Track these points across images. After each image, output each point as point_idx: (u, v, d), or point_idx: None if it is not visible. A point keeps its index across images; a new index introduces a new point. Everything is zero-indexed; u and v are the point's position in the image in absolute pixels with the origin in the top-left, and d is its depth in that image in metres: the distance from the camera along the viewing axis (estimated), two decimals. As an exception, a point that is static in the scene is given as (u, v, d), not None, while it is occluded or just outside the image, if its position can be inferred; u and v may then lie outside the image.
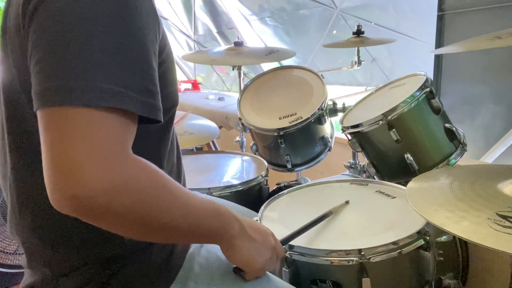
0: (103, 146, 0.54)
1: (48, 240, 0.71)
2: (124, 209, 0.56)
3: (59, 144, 0.53)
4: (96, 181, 0.53)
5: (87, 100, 0.53)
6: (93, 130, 0.53)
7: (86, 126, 0.53)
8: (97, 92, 0.53)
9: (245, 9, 3.80)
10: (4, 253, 1.94)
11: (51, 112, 0.54)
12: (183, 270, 0.79)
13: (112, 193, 0.54)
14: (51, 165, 0.53)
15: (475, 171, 1.03)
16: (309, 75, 1.63)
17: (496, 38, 1.02)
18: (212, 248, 0.86)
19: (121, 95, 0.55)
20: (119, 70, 0.55)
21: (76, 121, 0.53)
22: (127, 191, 0.55)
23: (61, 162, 0.53)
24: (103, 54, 0.54)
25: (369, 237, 0.98)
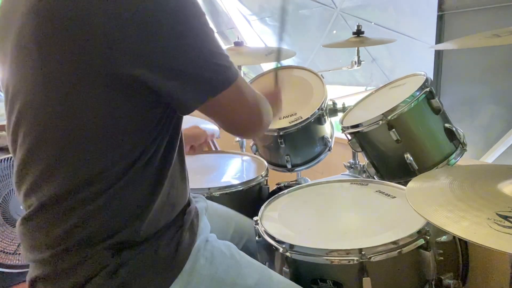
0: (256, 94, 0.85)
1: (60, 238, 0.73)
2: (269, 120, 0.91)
3: (247, 103, 0.81)
4: (266, 115, 0.87)
5: (236, 73, 0.78)
6: (250, 89, 0.83)
7: (246, 85, 0.81)
8: (233, 68, 0.79)
9: (245, 9, 3.80)
10: (4, 253, 1.94)
11: (231, 88, 0.76)
12: (189, 263, 0.81)
13: (270, 117, 0.91)
14: (250, 115, 0.83)
15: (475, 171, 1.03)
16: (309, 75, 1.63)
17: (495, 36, 1.02)
18: (216, 243, 0.89)
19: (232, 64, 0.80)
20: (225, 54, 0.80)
21: (244, 87, 0.80)
22: (270, 111, 0.91)
23: (255, 112, 0.84)
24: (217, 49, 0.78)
25: (369, 237, 0.98)
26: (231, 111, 0.79)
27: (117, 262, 0.74)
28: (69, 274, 0.74)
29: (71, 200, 0.72)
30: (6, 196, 1.92)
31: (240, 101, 0.79)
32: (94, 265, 0.73)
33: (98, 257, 0.74)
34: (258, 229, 1.05)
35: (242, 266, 0.87)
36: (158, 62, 0.68)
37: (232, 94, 0.76)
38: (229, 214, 1.18)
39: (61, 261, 0.74)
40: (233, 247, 0.91)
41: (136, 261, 0.75)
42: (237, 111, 0.80)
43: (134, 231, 0.76)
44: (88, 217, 0.73)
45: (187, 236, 0.83)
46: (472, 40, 1.16)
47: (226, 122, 0.82)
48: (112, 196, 0.73)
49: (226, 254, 0.87)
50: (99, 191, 0.72)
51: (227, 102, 0.77)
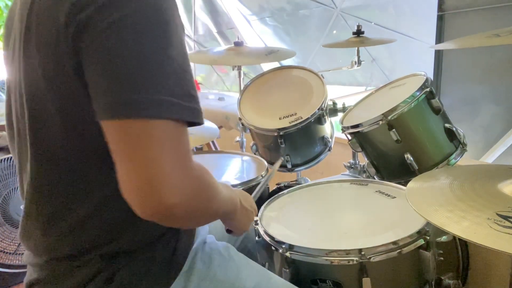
0: (183, 156, 0.60)
1: (58, 242, 0.72)
2: (197, 209, 0.64)
3: (144, 155, 0.57)
4: (184, 189, 0.59)
5: (164, 113, 0.58)
6: (175, 142, 0.59)
7: (169, 138, 0.58)
8: (169, 105, 0.58)
9: (245, 9, 3.80)
10: (4, 253, 1.94)
11: (130, 123, 0.57)
12: (186, 266, 0.81)
13: (193, 198, 0.61)
14: (137, 176, 0.57)
15: (475, 171, 1.03)
16: (309, 75, 1.63)
17: (495, 36, 1.02)
18: (214, 245, 0.88)
19: (180, 106, 0.59)
20: (175, 82, 0.60)
21: (160, 133, 0.57)
22: (199, 194, 0.63)
23: (149, 173, 0.57)
24: (163, 67, 0.59)
25: (369, 237, 0.98)
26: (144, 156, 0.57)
27: (113, 268, 0.73)
28: (65, 279, 0.73)
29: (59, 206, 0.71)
30: (6, 196, 1.92)
31: (168, 149, 0.58)
32: (90, 271, 0.73)
33: (94, 263, 0.73)
34: (258, 229, 1.05)
35: (240, 268, 0.86)
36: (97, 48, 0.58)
37: (160, 133, 0.57)
38: None
39: (56, 266, 0.74)
40: (231, 248, 0.91)
41: (132, 266, 0.74)
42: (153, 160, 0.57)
43: (131, 237, 0.74)
44: (80, 224, 0.71)
45: (184, 239, 0.82)
46: (472, 40, 1.15)
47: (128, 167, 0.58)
48: (103, 203, 0.70)
49: (225, 256, 0.87)
50: (96, 202, 0.70)
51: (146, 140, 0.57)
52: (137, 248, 0.75)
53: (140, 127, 0.57)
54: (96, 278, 0.72)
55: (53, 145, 0.68)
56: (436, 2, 2.11)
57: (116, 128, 0.58)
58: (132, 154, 0.57)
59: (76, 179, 0.69)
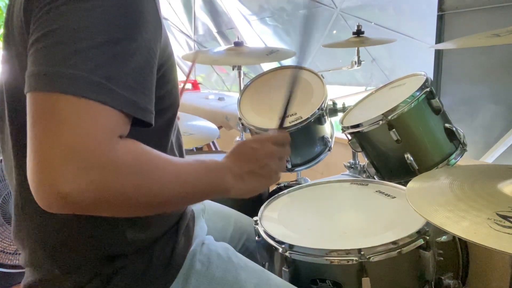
0: (88, 138, 0.52)
1: (51, 238, 0.72)
2: (118, 196, 0.55)
3: (44, 136, 0.51)
4: (82, 175, 0.51)
5: (78, 90, 0.52)
6: (78, 122, 0.52)
7: (74, 116, 0.52)
8: (88, 83, 0.53)
9: (245, 9, 3.80)
10: (4, 253, 1.94)
11: (37, 97, 0.53)
12: (185, 268, 0.80)
13: (99, 186, 0.52)
14: (34, 159, 0.51)
15: (475, 171, 1.03)
16: (309, 75, 1.62)
17: (495, 36, 1.02)
18: (213, 246, 0.87)
19: (109, 91, 0.54)
20: (111, 66, 0.55)
21: (64, 109, 0.51)
22: (117, 179, 0.54)
23: (44, 156, 0.50)
24: (98, 47, 0.54)
25: (369, 237, 0.98)
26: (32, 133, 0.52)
27: (110, 269, 0.73)
28: (62, 281, 0.73)
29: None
30: (6, 196, 1.92)
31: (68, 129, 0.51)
32: (87, 273, 0.72)
33: (90, 265, 0.72)
34: (258, 229, 1.05)
35: (239, 270, 0.85)
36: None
37: (73, 113, 0.52)
38: (228, 213, 1.18)
39: (53, 268, 0.73)
40: (230, 249, 0.90)
41: (129, 268, 0.74)
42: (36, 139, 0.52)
43: (128, 239, 0.74)
44: (76, 225, 0.70)
45: (182, 241, 0.82)
46: (472, 40, 1.15)
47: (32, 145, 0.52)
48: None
49: (223, 257, 0.86)
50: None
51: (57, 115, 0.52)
52: (135, 249, 0.75)
53: (45, 100, 0.52)
54: (94, 280, 0.72)
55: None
56: (436, 2, 2.12)
57: (28, 102, 0.54)
58: (31, 132, 0.52)
59: None
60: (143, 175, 0.58)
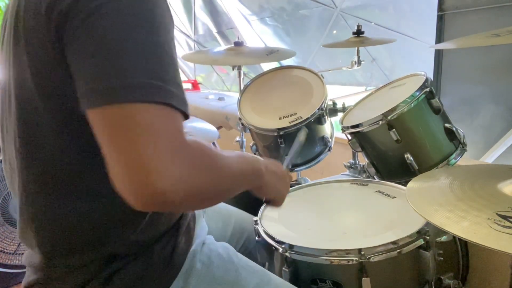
0: (172, 139, 0.56)
1: (54, 239, 0.72)
2: (198, 192, 0.60)
3: (133, 145, 0.54)
4: (176, 173, 0.56)
5: (147, 97, 0.55)
6: (160, 126, 0.56)
7: (153, 123, 0.55)
8: (153, 88, 0.56)
9: (245, 9, 3.80)
10: (4, 253, 1.94)
11: (114, 110, 0.55)
12: (185, 267, 0.80)
13: (189, 181, 0.58)
14: (125, 166, 0.54)
15: (475, 171, 1.03)
16: (309, 75, 1.63)
17: (495, 36, 1.02)
18: (213, 246, 0.87)
19: (164, 89, 0.57)
20: (161, 68, 0.58)
21: (143, 118, 0.55)
22: (198, 176, 0.59)
23: (139, 162, 0.54)
24: (146, 53, 0.57)
25: (369, 237, 0.98)
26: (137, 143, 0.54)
27: (110, 269, 0.73)
28: (63, 281, 0.73)
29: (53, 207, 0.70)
30: (6, 196, 1.92)
31: (154, 134, 0.55)
32: (87, 272, 0.72)
33: (91, 264, 0.72)
34: (258, 229, 1.05)
35: (240, 270, 0.86)
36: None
37: (152, 119, 0.55)
38: (229, 211, 1.18)
39: (53, 267, 0.73)
40: (231, 249, 0.90)
41: (129, 268, 0.74)
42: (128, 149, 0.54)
43: (129, 239, 0.74)
44: (77, 225, 0.70)
45: (183, 240, 0.82)
46: (472, 40, 1.15)
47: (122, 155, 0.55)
48: (98, 202, 0.70)
49: (224, 257, 0.86)
50: (80, 198, 0.69)
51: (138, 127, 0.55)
52: (136, 249, 0.75)
53: (122, 113, 0.55)
54: (94, 280, 0.72)
55: (43, 144, 0.67)
56: (436, 2, 2.11)
57: (98, 117, 0.56)
58: (117, 142, 0.55)
59: (68, 177, 0.68)
60: (217, 166, 0.65)
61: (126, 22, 0.57)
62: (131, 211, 0.70)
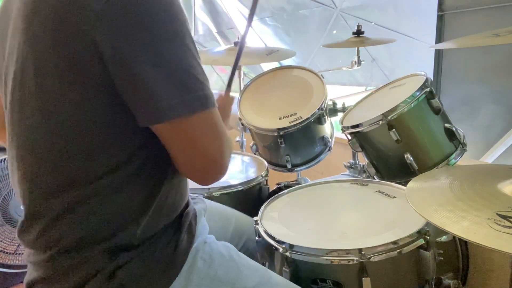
0: (224, 132, 0.74)
1: (59, 237, 0.73)
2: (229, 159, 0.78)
3: (203, 142, 0.71)
4: (229, 155, 0.77)
5: (204, 105, 0.69)
6: (216, 124, 0.73)
7: (213, 123, 0.72)
8: (209, 95, 0.70)
9: (245, 9, 3.80)
10: (4, 253, 1.94)
11: (183, 121, 0.68)
12: (187, 265, 0.81)
13: (229, 156, 0.78)
14: (201, 161, 0.72)
15: (475, 171, 1.03)
16: (309, 75, 1.63)
17: (495, 36, 1.02)
18: (215, 244, 0.88)
19: (211, 95, 0.71)
20: (203, 77, 0.70)
21: (215, 118, 0.72)
22: (229, 152, 0.78)
23: (211, 155, 0.72)
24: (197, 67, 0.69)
25: (369, 237, 0.98)
26: (200, 143, 0.71)
27: (114, 265, 0.73)
28: (65, 277, 0.73)
29: (58, 203, 0.71)
30: (6, 196, 1.92)
31: (213, 134, 0.73)
32: (91, 268, 0.73)
33: (95, 260, 0.73)
34: (258, 229, 1.05)
35: (241, 268, 0.86)
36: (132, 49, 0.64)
37: (207, 122, 0.71)
38: (229, 213, 1.18)
39: (57, 263, 0.74)
40: (232, 248, 0.91)
41: (133, 263, 0.75)
42: (206, 146, 0.72)
43: (131, 234, 0.75)
44: (80, 221, 0.71)
45: (184, 238, 0.82)
46: (472, 39, 1.16)
47: (189, 155, 0.73)
48: (104, 200, 0.71)
49: (225, 256, 0.87)
50: (89, 195, 0.71)
51: (200, 130, 0.71)
52: (138, 245, 0.76)
53: (193, 121, 0.68)
54: (97, 276, 0.73)
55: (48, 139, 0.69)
56: (436, 2, 2.12)
57: (170, 129, 0.68)
58: (192, 145, 0.70)
59: (74, 174, 0.70)
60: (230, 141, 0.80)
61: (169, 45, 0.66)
62: (135, 206, 0.74)
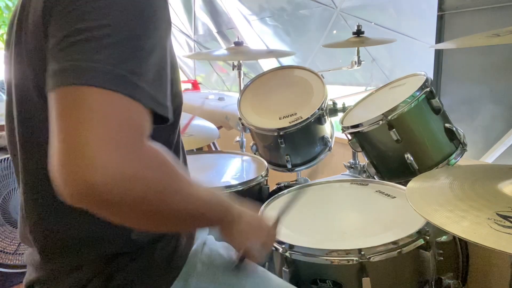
0: (121, 130, 0.52)
1: (57, 238, 0.72)
2: (138, 198, 0.53)
3: (75, 126, 0.50)
4: (114, 167, 0.50)
5: (106, 83, 0.52)
6: (110, 113, 0.52)
7: (104, 109, 0.51)
8: (114, 76, 0.53)
9: (245, 9, 3.80)
10: (4, 253, 1.94)
11: (66, 91, 0.52)
12: (186, 267, 0.80)
13: (129, 181, 0.51)
14: (62, 148, 0.50)
15: (475, 171, 1.03)
16: (309, 75, 1.63)
17: (495, 35, 1.02)
18: (214, 246, 0.88)
19: (133, 84, 0.54)
20: (134, 61, 0.55)
21: (95, 101, 0.51)
22: (142, 180, 0.52)
23: (75, 144, 0.49)
24: (121, 43, 0.55)
25: (369, 237, 0.98)
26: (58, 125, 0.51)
27: (112, 267, 0.73)
28: (64, 279, 0.73)
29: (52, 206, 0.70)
30: (6, 196, 1.92)
31: (78, 117, 0.51)
32: (89, 271, 0.72)
33: (93, 263, 0.73)
34: (258, 229, 1.05)
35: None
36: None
37: (102, 105, 0.52)
38: None
39: (55, 266, 0.73)
40: (231, 248, 0.91)
41: (131, 266, 0.74)
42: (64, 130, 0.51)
43: (129, 237, 0.74)
44: (79, 223, 0.71)
45: (184, 240, 0.82)
46: (472, 39, 1.16)
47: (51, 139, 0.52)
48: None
49: (224, 257, 0.86)
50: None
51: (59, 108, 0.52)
52: (137, 247, 0.75)
53: (70, 94, 0.52)
54: (96, 278, 0.72)
55: (41, 142, 0.67)
56: (436, 2, 2.11)
57: (51, 100, 0.53)
58: (59, 125, 0.51)
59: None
60: (166, 183, 0.56)
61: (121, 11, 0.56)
62: None
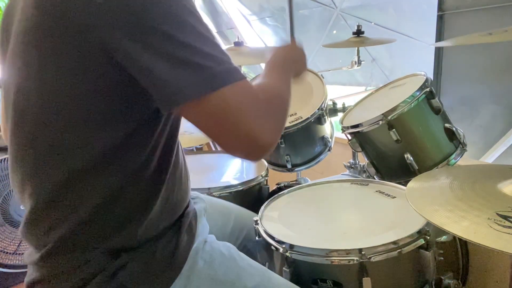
0: (255, 102, 0.68)
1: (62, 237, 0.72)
2: (279, 131, 0.74)
3: (241, 119, 0.65)
4: (268, 126, 0.68)
5: (229, 79, 0.65)
6: (246, 96, 0.67)
7: (241, 97, 0.66)
8: (230, 70, 0.67)
9: (245, 9, 3.80)
10: (4, 253, 1.94)
11: (214, 96, 0.63)
12: (187, 265, 0.81)
13: (275, 128, 0.72)
14: (236, 137, 0.66)
15: (475, 171, 1.03)
16: (309, 75, 1.63)
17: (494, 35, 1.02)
18: (215, 244, 0.88)
19: (235, 68, 0.68)
20: (222, 53, 0.69)
21: (234, 96, 0.65)
22: (277, 121, 0.74)
23: (245, 131, 0.65)
24: (211, 43, 0.67)
25: (369, 237, 0.98)
26: (227, 123, 0.65)
27: (115, 265, 0.74)
28: (66, 277, 0.73)
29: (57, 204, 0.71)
30: (6, 196, 1.93)
31: (239, 112, 0.65)
32: (92, 269, 0.73)
33: (95, 260, 0.73)
34: (258, 229, 1.05)
35: (241, 268, 0.86)
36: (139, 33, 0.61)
37: (238, 95, 0.65)
38: (229, 208, 1.18)
39: (57, 264, 0.74)
40: (232, 248, 0.91)
41: (134, 264, 0.75)
42: (235, 125, 0.65)
43: (132, 235, 0.75)
44: (82, 221, 0.71)
45: (185, 238, 0.82)
46: (472, 37, 1.16)
47: (221, 135, 0.67)
48: (105, 200, 0.71)
49: (226, 256, 0.87)
50: (91, 195, 0.70)
51: (230, 104, 0.64)
52: (139, 245, 0.76)
53: (219, 97, 0.63)
54: (98, 276, 0.73)
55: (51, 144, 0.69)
56: (436, 2, 2.12)
57: (197, 107, 0.64)
58: (224, 122, 0.64)
59: (75, 177, 0.70)
60: (278, 97, 0.78)
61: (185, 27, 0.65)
62: (137, 207, 0.74)
